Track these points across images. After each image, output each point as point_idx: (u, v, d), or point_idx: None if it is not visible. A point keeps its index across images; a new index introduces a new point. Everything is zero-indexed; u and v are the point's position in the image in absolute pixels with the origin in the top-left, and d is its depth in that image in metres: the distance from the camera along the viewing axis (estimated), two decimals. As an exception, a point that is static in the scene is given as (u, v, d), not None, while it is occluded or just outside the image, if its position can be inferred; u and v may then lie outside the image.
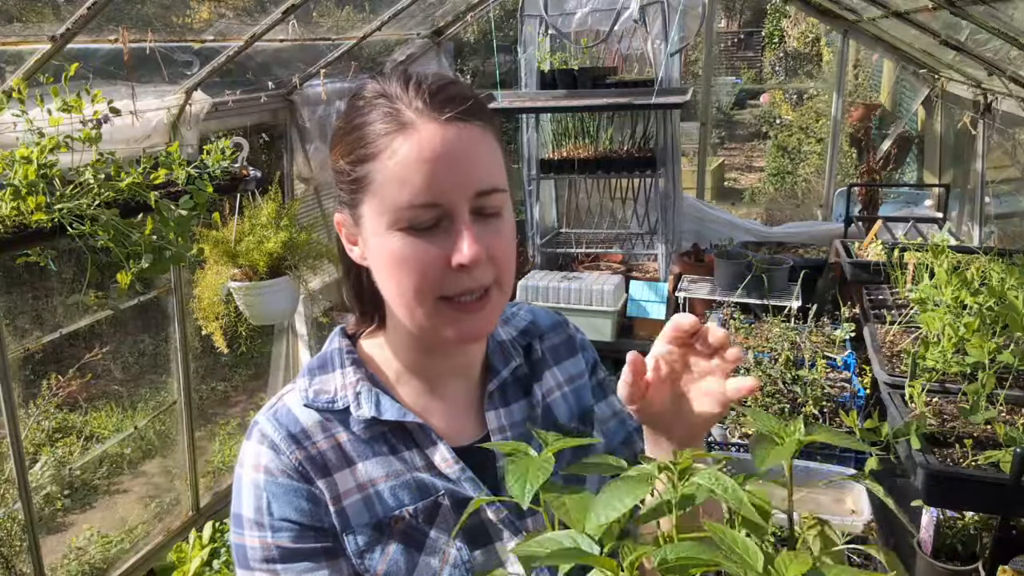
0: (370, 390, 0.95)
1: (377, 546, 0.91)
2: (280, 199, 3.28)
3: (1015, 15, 2.27)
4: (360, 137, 0.87)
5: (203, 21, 3.01)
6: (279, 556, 0.90)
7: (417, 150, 0.84)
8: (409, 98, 0.86)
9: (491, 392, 1.02)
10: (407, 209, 0.84)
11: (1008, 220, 3.78)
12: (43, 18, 2.32)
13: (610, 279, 4.00)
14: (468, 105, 0.87)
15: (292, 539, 0.90)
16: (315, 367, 0.99)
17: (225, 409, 5.32)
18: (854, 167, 6.33)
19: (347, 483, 0.92)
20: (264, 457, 0.92)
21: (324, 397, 0.95)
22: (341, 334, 1.03)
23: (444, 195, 0.84)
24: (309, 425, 0.94)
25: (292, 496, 0.90)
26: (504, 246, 0.90)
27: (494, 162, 0.89)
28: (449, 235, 0.85)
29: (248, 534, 0.91)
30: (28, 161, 1.98)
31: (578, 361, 1.14)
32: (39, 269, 2.13)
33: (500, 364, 1.04)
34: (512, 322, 1.11)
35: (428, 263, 0.85)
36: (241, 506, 0.92)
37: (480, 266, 0.86)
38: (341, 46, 3.83)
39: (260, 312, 3.22)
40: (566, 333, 1.16)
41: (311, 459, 0.92)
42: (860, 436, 1.81)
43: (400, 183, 0.84)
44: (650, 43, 4.18)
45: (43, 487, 3.82)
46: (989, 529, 2.10)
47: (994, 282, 2.07)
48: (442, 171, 0.84)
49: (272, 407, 0.96)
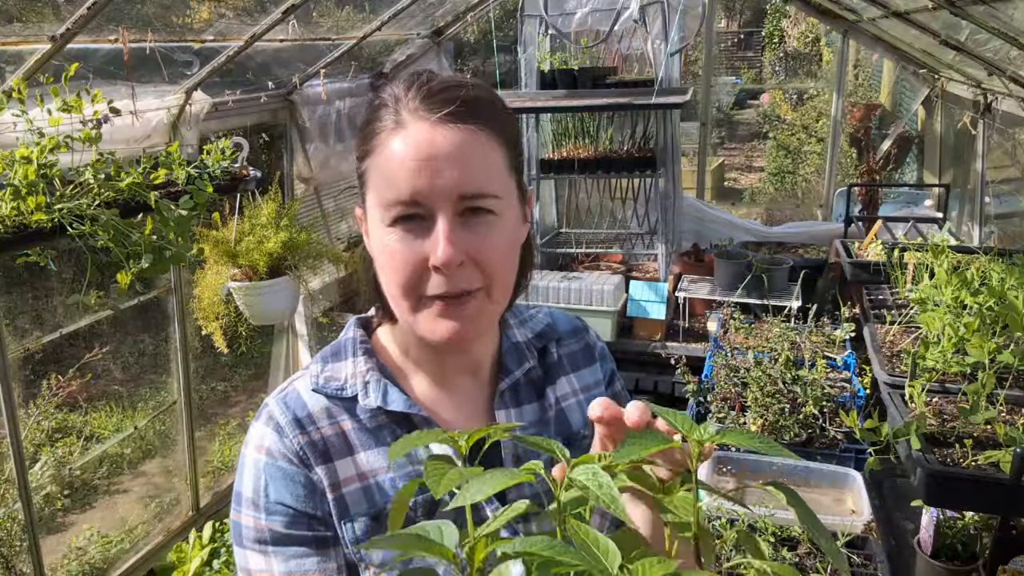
0: (379, 380, 0.96)
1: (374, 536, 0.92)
2: (280, 199, 3.28)
3: (1015, 15, 2.27)
4: (366, 134, 0.91)
5: (203, 21, 3.01)
6: (271, 539, 0.91)
7: (404, 148, 0.85)
8: (408, 98, 0.88)
9: (502, 391, 1.02)
10: (392, 206, 0.86)
11: (1008, 220, 3.78)
12: (43, 18, 2.32)
13: (610, 279, 4.00)
14: (464, 107, 0.87)
15: (285, 524, 0.91)
16: (328, 355, 1.00)
17: (225, 409, 5.32)
18: (854, 167, 6.33)
19: (348, 471, 0.93)
20: (268, 439, 0.93)
21: (334, 384, 0.96)
22: (357, 324, 1.04)
23: (424, 195, 0.85)
24: (316, 410, 0.95)
25: (289, 481, 0.91)
26: (493, 252, 0.88)
27: (487, 166, 0.88)
28: (431, 235, 0.86)
29: (245, 512, 0.92)
30: (28, 161, 1.98)
31: (595, 370, 1.13)
32: (39, 269, 2.12)
33: (513, 364, 1.04)
34: (529, 324, 1.11)
35: (412, 260, 0.86)
36: (242, 484, 0.93)
37: (459, 269, 0.86)
38: (341, 46, 3.83)
39: (260, 312, 3.22)
40: (585, 340, 1.15)
41: (313, 444, 0.93)
42: (860, 436, 1.81)
43: (388, 180, 0.86)
44: (650, 43, 4.18)
45: (43, 487, 3.81)
46: (989, 529, 2.10)
47: (994, 282, 2.07)
48: (424, 171, 0.84)
49: (283, 390, 0.98)
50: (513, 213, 0.92)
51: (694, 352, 3.74)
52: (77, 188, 2.06)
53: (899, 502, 2.55)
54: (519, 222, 0.95)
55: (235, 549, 0.95)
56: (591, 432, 1.07)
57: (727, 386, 2.76)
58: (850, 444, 2.53)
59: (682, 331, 4.05)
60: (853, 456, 2.48)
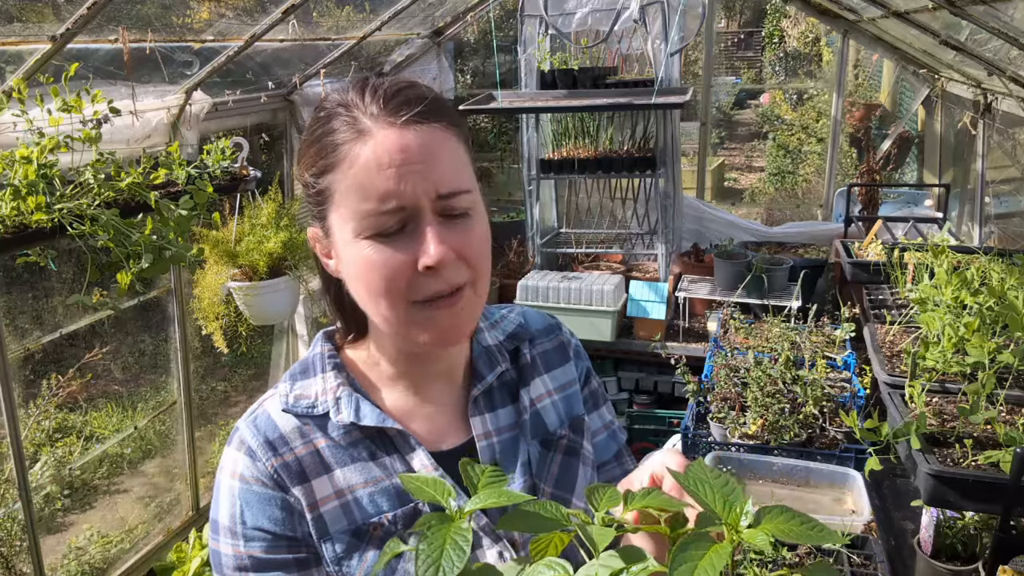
0: (350, 395, 0.95)
1: (355, 553, 0.91)
2: (280, 199, 3.28)
3: (1015, 15, 2.27)
4: (321, 148, 0.87)
5: (203, 21, 3.01)
6: (251, 565, 0.90)
7: (375, 156, 0.83)
8: (365, 104, 0.86)
9: (475, 397, 1.01)
10: (371, 216, 0.84)
11: (1008, 220, 3.78)
12: (43, 18, 2.32)
13: (610, 279, 4.00)
14: (426, 107, 0.86)
15: (264, 549, 0.90)
16: (297, 372, 0.99)
17: (225, 409, 5.32)
18: (854, 167, 6.32)
19: (325, 490, 0.92)
20: (240, 464, 0.92)
21: (304, 402, 0.95)
22: (324, 339, 1.02)
23: (405, 199, 0.83)
24: (287, 431, 0.93)
25: (265, 505, 0.90)
26: (475, 247, 0.88)
27: (457, 163, 0.88)
28: (415, 239, 0.85)
29: (223, 541, 0.91)
30: (28, 161, 1.98)
31: (569, 369, 1.12)
32: (39, 269, 2.12)
33: (485, 369, 1.03)
34: (501, 326, 1.10)
35: (396, 268, 0.85)
36: (218, 512, 0.92)
37: (449, 266, 0.85)
38: (341, 46, 3.82)
39: (260, 312, 3.22)
40: (559, 339, 1.13)
41: (287, 466, 0.91)
42: (860, 436, 1.81)
43: (361, 190, 0.84)
44: (650, 43, 4.17)
45: (43, 487, 3.81)
46: (989, 529, 2.10)
47: (994, 282, 2.07)
48: (402, 175, 0.83)
49: (252, 413, 0.96)
50: (482, 206, 0.92)
51: (694, 352, 3.74)
52: (77, 188, 2.06)
53: (899, 502, 2.55)
54: (486, 215, 0.95)
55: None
56: (567, 432, 1.07)
57: (727, 386, 2.76)
58: (850, 444, 2.53)
59: (682, 331, 4.05)
60: (853, 456, 2.47)
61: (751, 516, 0.57)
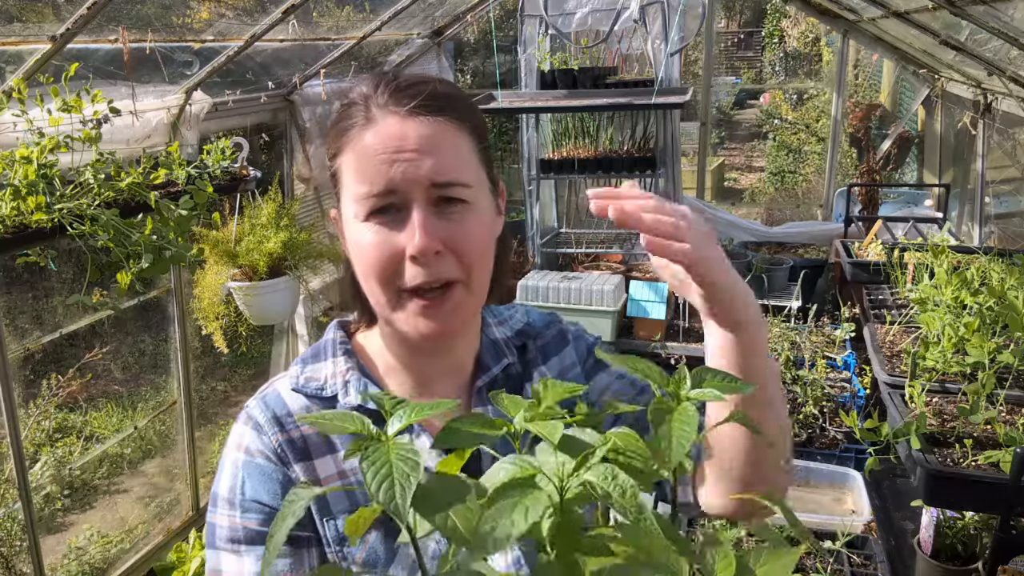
0: (359, 379, 0.97)
1: None
2: (280, 199, 3.28)
3: (1015, 15, 2.27)
4: (336, 133, 0.92)
5: (203, 21, 3.01)
6: (244, 537, 0.91)
7: (374, 141, 0.86)
8: (378, 95, 0.89)
9: (479, 388, 1.02)
10: (366, 199, 0.87)
11: (1008, 220, 3.78)
12: (43, 18, 2.32)
13: (610, 279, 4.00)
14: (434, 100, 0.88)
15: (259, 522, 0.91)
16: (308, 356, 1.01)
17: (225, 409, 5.31)
18: (854, 167, 6.32)
19: (328, 469, 0.93)
20: (247, 437, 0.94)
21: (314, 384, 0.97)
22: (337, 326, 1.05)
23: (397, 184, 0.85)
24: (295, 409, 0.95)
25: (266, 478, 0.92)
26: (469, 241, 0.89)
27: (458, 156, 0.89)
28: (407, 226, 0.86)
29: (220, 512, 0.92)
30: (28, 161, 1.98)
31: (568, 352, 1.13)
32: (39, 269, 2.12)
33: (491, 361, 1.04)
34: (509, 323, 1.11)
35: (388, 253, 0.87)
36: (219, 484, 0.94)
37: (436, 258, 0.86)
38: (341, 46, 3.82)
39: (260, 312, 3.22)
40: (557, 329, 1.15)
41: (292, 442, 0.93)
42: (860, 436, 1.81)
43: (360, 173, 0.87)
44: (650, 43, 4.17)
45: (43, 487, 3.81)
46: (989, 529, 2.10)
47: (994, 282, 2.07)
48: (396, 162, 0.85)
49: (263, 391, 0.99)
50: (486, 203, 0.93)
51: (694, 352, 3.74)
52: (77, 188, 2.06)
53: (899, 502, 2.55)
54: (494, 214, 0.95)
55: (207, 553, 0.94)
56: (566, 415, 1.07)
57: (727, 386, 2.76)
58: (850, 444, 2.53)
59: (682, 331, 4.05)
60: (853, 456, 2.48)
61: (689, 382, 0.63)
